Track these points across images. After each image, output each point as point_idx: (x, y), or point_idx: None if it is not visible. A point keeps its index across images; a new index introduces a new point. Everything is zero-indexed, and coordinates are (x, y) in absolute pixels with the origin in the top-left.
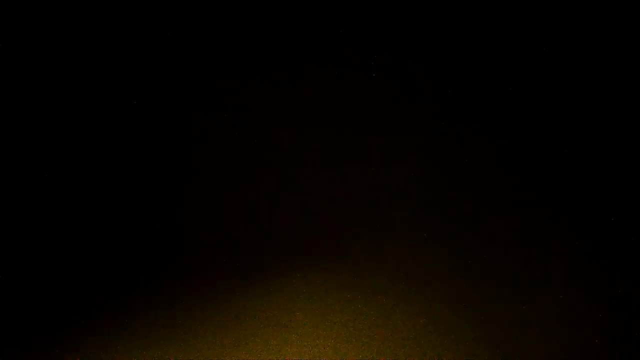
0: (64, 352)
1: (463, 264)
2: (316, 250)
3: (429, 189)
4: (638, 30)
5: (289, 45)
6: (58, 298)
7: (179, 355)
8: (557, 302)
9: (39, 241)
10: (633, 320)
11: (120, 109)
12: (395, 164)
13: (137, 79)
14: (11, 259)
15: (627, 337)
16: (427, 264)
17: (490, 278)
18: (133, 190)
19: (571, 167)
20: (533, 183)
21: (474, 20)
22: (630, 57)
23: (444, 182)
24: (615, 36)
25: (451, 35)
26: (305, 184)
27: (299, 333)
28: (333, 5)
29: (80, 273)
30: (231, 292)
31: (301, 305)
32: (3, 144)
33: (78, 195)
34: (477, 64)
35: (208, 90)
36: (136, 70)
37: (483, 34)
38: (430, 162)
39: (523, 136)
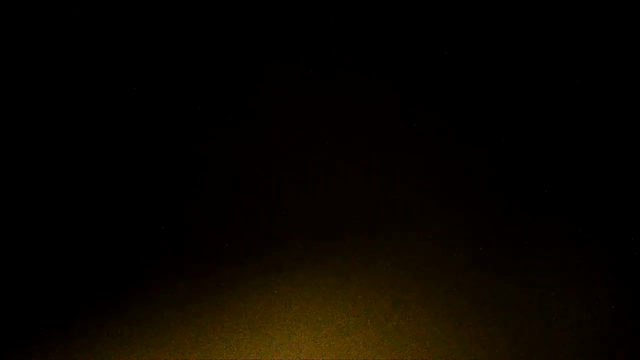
0: (64, 352)
1: (465, 263)
2: (318, 251)
3: (432, 190)
4: (633, 32)
5: (291, 50)
6: (61, 298)
7: (179, 355)
8: (560, 302)
9: (43, 241)
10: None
11: (126, 110)
12: (398, 165)
13: (142, 83)
14: (13, 260)
15: (628, 338)
16: (429, 265)
17: (492, 278)
18: (136, 190)
19: (575, 168)
20: (538, 182)
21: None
22: (629, 61)
23: (446, 183)
24: (611, 43)
25: (453, 40)
26: (308, 185)
27: (300, 332)
28: (339, 9)
29: (83, 273)
30: (233, 292)
31: (303, 305)
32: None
33: (81, 197)
34: (480, 67)
35: (212, 93)
36: (142, 75)
37: (485, 39)
38: (432, 162)
39: (528, 136)
